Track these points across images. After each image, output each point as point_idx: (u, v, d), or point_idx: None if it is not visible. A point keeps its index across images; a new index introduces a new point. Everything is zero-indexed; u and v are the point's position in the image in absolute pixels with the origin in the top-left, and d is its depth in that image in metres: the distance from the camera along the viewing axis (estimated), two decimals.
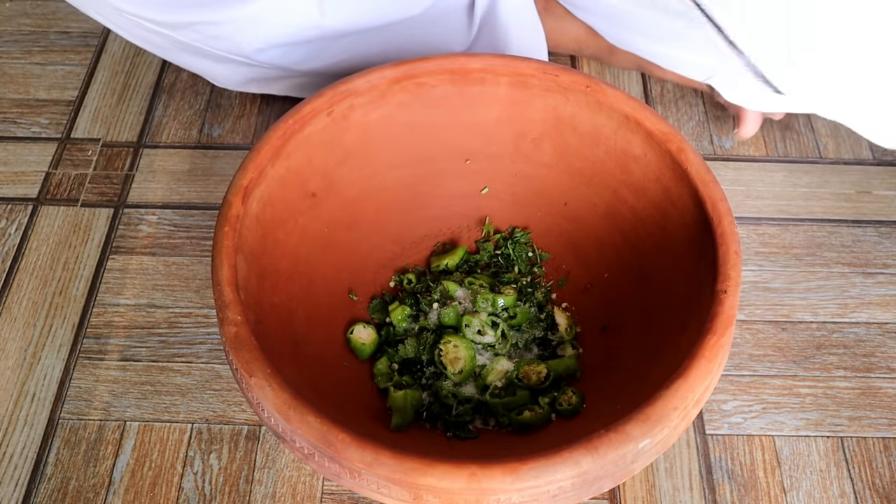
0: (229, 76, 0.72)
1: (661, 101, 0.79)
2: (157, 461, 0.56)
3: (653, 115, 0.53)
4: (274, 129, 0.51)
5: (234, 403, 0.59)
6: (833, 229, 0.69)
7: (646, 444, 0.40)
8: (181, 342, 0.62)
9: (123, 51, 0.83)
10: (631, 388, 0.48)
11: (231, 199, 0.47)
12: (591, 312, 0.58)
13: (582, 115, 0.55)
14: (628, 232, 0.56)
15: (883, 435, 0.58)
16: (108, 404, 0.59)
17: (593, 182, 0.57)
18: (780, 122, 0.77)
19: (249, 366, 0.41)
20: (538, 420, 0.52)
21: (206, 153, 0.75)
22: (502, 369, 0.54)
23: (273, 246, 0.51)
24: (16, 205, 0.71)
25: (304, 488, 0.55)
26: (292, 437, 0.41)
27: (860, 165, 0.74)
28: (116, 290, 0.65)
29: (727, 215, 0.47)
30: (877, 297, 0.65)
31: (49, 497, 0.55)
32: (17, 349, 0.62)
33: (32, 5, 0.88)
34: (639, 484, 0.56)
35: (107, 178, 0.73)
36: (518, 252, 0.61)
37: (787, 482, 0.56)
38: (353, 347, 0.56)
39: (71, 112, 0.78)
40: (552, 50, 0.80)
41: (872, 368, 0.61)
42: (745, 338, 0.63)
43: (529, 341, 0.57)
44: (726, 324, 0.43)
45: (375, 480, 0.39)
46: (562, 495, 0.40)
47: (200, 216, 0.70)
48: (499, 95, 0.56)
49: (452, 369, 0.54)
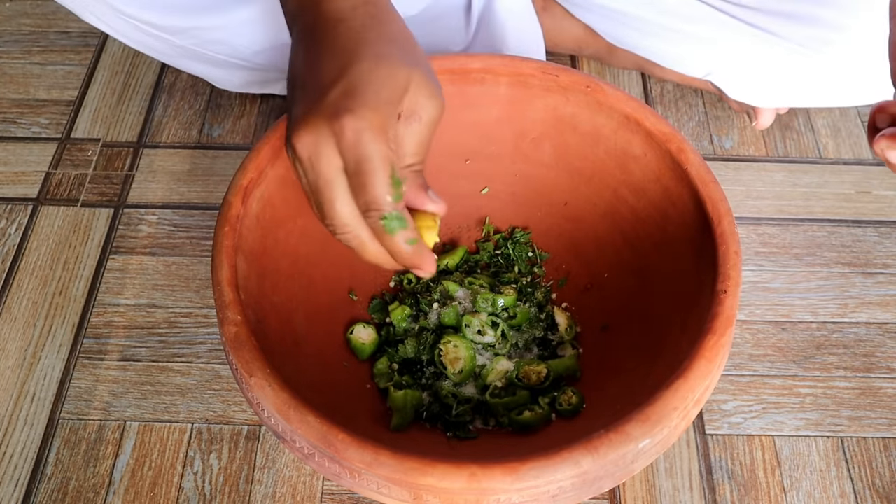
0: (229, 79, 0.72)
1: (661, 101, 0.79)
2: (157, 461, 0.56)
3: (653, 115, 0.53)
4: (274, 129, 0.51)
5: (234, 403, 0.59)
6: (833, 229, 0.69)
7: (646, 444, 0.40)
8: (181, 342, 0.62)
9: (123, 51, 0.83)
10: (631, 388, 0.48)
11: (231, 199, 0.47)
12: (591, 312, 0.58)
13: (582, 115, 0.55)
14: (628, 232, 0.56)
15: (883, 435, 0.58)
16: (108, 404, 0.59)
17: (593, 182, 0.57)
18: (781, 122, 0.77)
19: (249, 366, 0.41)
20: (538, 420, 0.52)
21: (206, 153, 0.75)
22: (502, 369, 0.54)
23: (273, 246, 0.51)
24: (16, 205, 0.71)
25: (304, 488, 0.55)
26: (292, 437, 0.41)
27: (860, 165, 0.74)
28: (116, 290, 0.65)
29: (727, 215, 0.47)
30: (877, 297, 0.65)
31: (49, 497, 0.55)
32: (17, 349, 0.62)
33: (32, 5, 0.88)
34: (639, 484, 0.56)
35: (107, 178, 0.73)
36: (518, 252, 0.61)
37: (787, 482, 0.56)
38: (353, 347, 0.56)
39: (71, 112, 0.78)
40: (552, 50, 0.80)
41: (872, 368, 0.61)
42: (745, 338, 0.63)
43: (529, 341, 0.57)
44: (726, 324, 0.43)
45: (375, 480, 0.39)
46: (562, 495, 0.40)
47: (200, 216, 0.70)
48: (499, 95, 0.56)
49: (452, 369, 0.54)
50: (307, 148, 0.36)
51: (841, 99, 0.71)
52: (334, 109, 0.35)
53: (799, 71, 0.66)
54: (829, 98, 0.70)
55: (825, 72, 0.66)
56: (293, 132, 0.37)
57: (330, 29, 0.38)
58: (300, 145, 0.36)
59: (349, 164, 0.36)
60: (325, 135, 0.36)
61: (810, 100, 0.71)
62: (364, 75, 0.36)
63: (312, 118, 0.36)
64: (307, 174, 0.37)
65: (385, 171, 0.36)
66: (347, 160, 0.36)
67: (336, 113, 0.35)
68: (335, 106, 0.36)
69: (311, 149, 0.36)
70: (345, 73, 0.36)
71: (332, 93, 0.36)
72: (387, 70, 0.37)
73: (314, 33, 0.39)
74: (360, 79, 0.36)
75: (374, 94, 0.36)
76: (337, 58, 0.37)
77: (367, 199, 0.37)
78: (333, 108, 0.36)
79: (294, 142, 0.36)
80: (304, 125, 0.36)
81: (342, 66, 0.37)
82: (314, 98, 0.36)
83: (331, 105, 0.36)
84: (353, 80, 0.36)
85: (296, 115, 0.37)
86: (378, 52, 0.37)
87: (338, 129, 0.35)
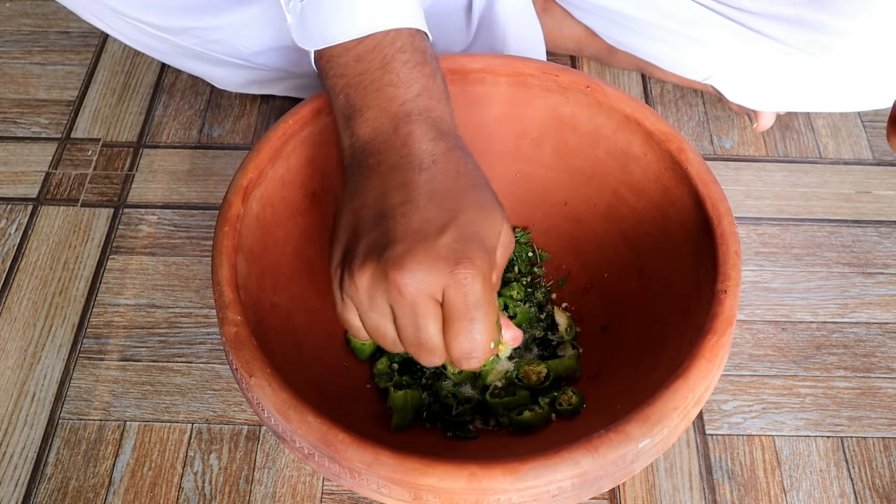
0: (229, 79, 0.72)
1: (661, 101, 0.79)
2: (157, 461, 0.56)
3: (653, 115, 0.53)
4: (274, 129, 0.51)
5: (234, 403, 0.59)
6: (833, 229, 0.69)
7: (646, 444, 0.40)
8: (181, 342, 0.62)
9: (123, 51, 0.83)
10: (631, 388, 0.48)
11: (231, 199, 0.47)
12: (591, 312, 0.58)
13: (582, 115, 0.55)
14: (628, 232, 0.56)
15: (883, 435, 0.58)
16: (108, 404, 0.59)
17: (593, 182, 0.57)
18: (781, 122, 0.77)
19: (249, 366, 0.41)
20: (538, 420, 0.52)
21: (206, 153, 0.75)
22: (502, 369, 0.54)
23: (273, 246, 0.51)
24: (16, 205, 0.71)
25: (304, 488, 0.55)
26: (292, 437, 0.41)
27: (860, 165, 0.74)
28: (116, 290, 0.65)
29: (727, 215, 0.47)
30: (877, 297, 0.65)
31: (49, 497, 0.55)
32: (17, 349, 0.62)
33: (32, 5, 0.88)
34: (639, 484, 0.56)
35: (107, 178, 0.73)
36: (518, 252, 0.61)
37: (787, 482, 0.56)
38: (353, 347, 0.56)
39: (71, 112, 0.78)
40: (552, 50, 0.80)
41: (872, 368, 0.61)
42: (745, 338, 0.63)
43: (529, 341, 0.57)
44: (726, 324, 0.43)
45: (375, 480, 0.39)
46: (562, 495, 0.40)
47: (200, 216, 0.70)
48: (499, 95, 0.56)
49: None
50: (416, 284, 0.38)
51: (841, 104, 0.71)
52: (450, 252, 0.38)
53: (799, 76, 0.66)
54: (830, 103, 0.70)
55: (826, 77, 0.66)
56: (400, 266, 0.38)
57: (427, 167, 0.41)
58: (406, 279, 0.38)
59: (456, 308, 0.38)
60: (439, 277, 0.38)
61: (811, 104, 0.71)
62: (473, 223, 0.40)
63: (423, 256, 0.38)
64: (403, 306, 0.39)
65: (493, 321, 0.39)
66: (454, 304, 0.38)
67: (453, 257, 0.38)
68: (451, 249, 0.38)
69: (420, 286, 0.38)
70: (454, 217, 0.39)
71: (445, 236, 0.38)
72: (491, 217, 0.41)
73: (402, 171, 0.41)
74: (470, 226, 0.39)
75: (485, 244, 0.40)
76: (443, 199, 0.40)
77: (470, 347, 0.39)
78: (449, 251, 0.38)
79: (399, 275, 0.38)
80: (414, 261, 0.38)
81: (449, 210, 0.39)
82: (420, 236, 0.39)
83: (445, 248, 0.38)
84: (464, 226, 0.39)
85: (397, 251, 0.38)
86: (480, 200, 0.41)
87: (455, 274, 0.38)
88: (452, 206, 0.40)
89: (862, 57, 0.62)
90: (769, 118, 0.72)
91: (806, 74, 0.66)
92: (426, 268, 0.38)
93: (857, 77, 0.65)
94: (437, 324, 0.39)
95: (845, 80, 0.65)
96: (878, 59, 0.62)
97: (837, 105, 0.71)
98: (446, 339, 0.39)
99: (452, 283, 0.38)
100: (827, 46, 0.62)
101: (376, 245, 0.39)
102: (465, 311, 0.38)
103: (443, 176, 0.41)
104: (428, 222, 0.39)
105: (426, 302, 0.38)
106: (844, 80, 0.65)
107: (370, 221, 0.40)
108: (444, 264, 0.38)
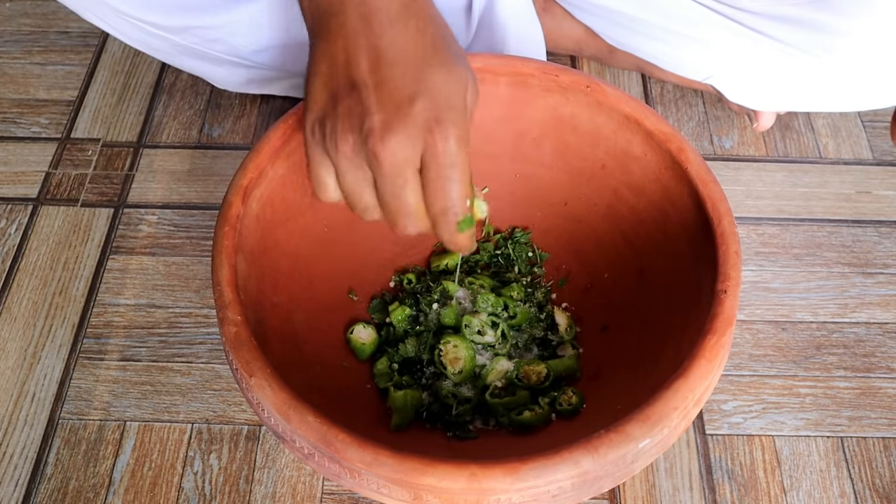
0: (229, 78, 0.72)
1: (661, 101, 0.79)
2: (157, 461, 0.56)
3: (653, 115, 0.53)
4: (274, 129, 0.51)
5: (234, 403, 0.59)
6: (833, 229, 0.69)
7: (646, 444, 0.40)
8: (181, 342, 0.62)
9: (123, 51, 0.83)
10: (631, 388, 0.48)
11: (231, 199, 0.47)
12: (591, 312, 0.58)
13: (582, 115, 0.55)
14: (628, 232, 0.56)
15: (883, 435, 0.58)
16: (108, 404, 0.59)
17: (593, 182, 0.57)
18: (781, 122, 0.77)
19: (249, 366, 0.41)
20: (538, 420, 0.52)
21: (206, 153, 0.75)
22: (502, 369, 0.54)
23: (273, 246, 0.51)
24: (16, 205, 0.71)
25: (304, 488, 0.55)
26: (292, 437, 0.41)
27: (860, 165, 0.74)
28: (116, 290, 0.65)
29: (727, 215, 0.47)
30: (877, 297, 0.65)
31: (49, 497, 0.55)
32: (17, 349, 0.62)
33: (32, 5, 0.88)
34: (639, 484, 0.56)
35: (107, 178, 0.73)
36: (518, 252, 0.61)
37: (787, 482, 0.56)
38: (353, 347, 0.56)
39: (71, 112, 0.78)
40: (552, 50, 0.80)
41: (872, 368, 0.61)
42: (745, 338, 0.63)
43: (529, 341, 0.57)
44: (726, 324, 0.43)
45: (375, 480, 0.39)
46: (562, 495, 0.40)
47: (200, 216, 0.70)
48: (499, 95, 0.56)
49: (452, 369, 0.54)
50: (395, 154, 0.40)
51: (842, 104, 0.71)
52: (423, 121, 0.40)
53: (800, 76, 0.66)
54: (831, 103, 0.70)
55: (827, 77, 0.66)
56: (380, 137, 0.39)
57: (386, 29, 0.41)
58: (387, 151, 0.39)
59: (433, 169, 0.40)
60: (416, 144, 0.40)
61: (811, 104, 0.71)
62: (441, 86, 0.41)
63: (400, 126, 0.39)
64: (384, 175, 0.40)
65: (467, 180, 0.41)
66: (431, 166, 0.40)
67: (426, 125, 0.40)
68: (423, 117, 0.40)
69: (398, 155, 0.40)
70: (422, 83, 0.40)
71: (417, 104, 0.40)
72: (456, 77, 0.42)
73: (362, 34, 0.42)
74: (438, 90, 0.41)
75: (454, 106, 0.41)
76: (407, 65, 0.41)
77: (448, 203, 0.41)
78: (422, 119, 0.40)
79: (380, 147, 0.39)
80: (391, 133, 0.39)
81: (417, 76, 0.41)
82: (394, 106, 0.40)
83: (418, 116, 0.40)
84: (433, 91, 0.40)
85: (374, 122, 0.40)
86: (445, 60, 0.42)
87: (430, 140, 0.40)
88: (418, 73, 0.41)
89: (863, 57, 0.62)
90: (769, 118, 0.72)
91: (807, 75, 0.66)
92: (403, 137, 0.40)
93: (859, 77, 0.65)
94: (416, 189, 0.41)
95: (847, 80, 0.65)
96: (879, 60, 0.62)
97: (838, 105, 0.71)
98: (426, 199, 0.41)
99: (429, 148, 0.40)
100: (828, 47, 0.62)
101: (352, 113, 0.41)
102: (442, 171, 0.40)
103: (403, 37, 0.41)
104: (398, 90, 0.40)
105: (406, 169, 0.40)
106: (846, 80, 0.65)
107: (344, 88, 0.42)
108: (420, 132, 0.40)
